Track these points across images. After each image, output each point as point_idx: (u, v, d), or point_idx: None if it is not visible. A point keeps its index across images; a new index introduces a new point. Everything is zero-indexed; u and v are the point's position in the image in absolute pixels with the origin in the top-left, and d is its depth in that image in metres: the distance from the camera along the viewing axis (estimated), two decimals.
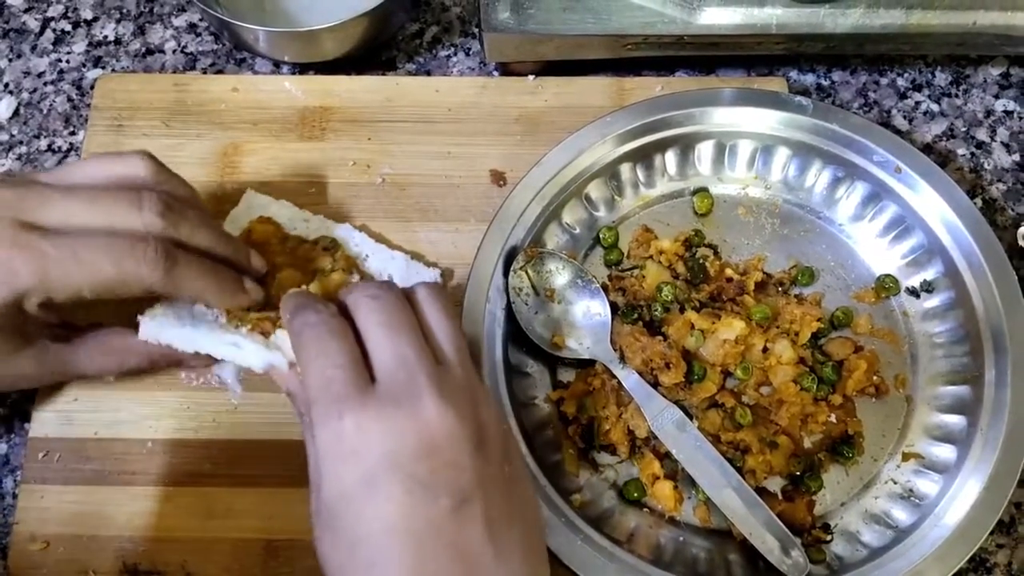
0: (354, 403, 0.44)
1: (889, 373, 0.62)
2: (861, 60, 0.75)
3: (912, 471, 0.59)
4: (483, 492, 0.44)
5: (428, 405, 0.44)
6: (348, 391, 0.44)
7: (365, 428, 0.43)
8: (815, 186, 0.66)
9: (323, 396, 0.45)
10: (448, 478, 0.44)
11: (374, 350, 0.46)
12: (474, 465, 0.44)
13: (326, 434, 0.44)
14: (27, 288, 0.47)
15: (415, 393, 0.44)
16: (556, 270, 0.62)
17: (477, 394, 0.47)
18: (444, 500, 0.43)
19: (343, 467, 0.44)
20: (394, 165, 0.67)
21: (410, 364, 0.45)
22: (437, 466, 0.43)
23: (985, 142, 0.73)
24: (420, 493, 0.43)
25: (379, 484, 0.43)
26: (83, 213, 0.49)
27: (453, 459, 0.44)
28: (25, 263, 0.47)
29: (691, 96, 0.66)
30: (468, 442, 0.44)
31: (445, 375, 0.46)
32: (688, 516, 0.58)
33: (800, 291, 0.64)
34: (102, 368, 0.55)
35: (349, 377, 0.45)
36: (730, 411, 0.59)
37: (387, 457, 0.43)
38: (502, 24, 0.66)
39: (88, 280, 0.48)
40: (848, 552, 0.57)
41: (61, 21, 0.75)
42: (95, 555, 0.57)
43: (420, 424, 0.43)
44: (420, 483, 0.43)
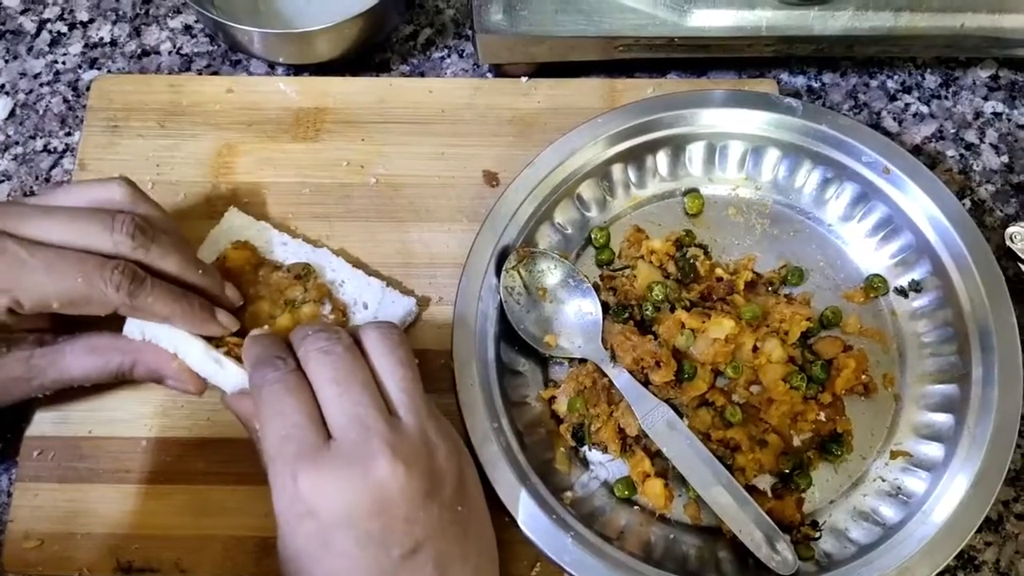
0: (308, 464, 0.45)
1: (878, 372, 0.62)
2: (851, 62, 0.76)
3: (900, 469, 0.60)
4: (435, 537, 0.46)
5: (381, 465, 0.45)
6: (302, 451, 0.46)
7: (319, 488, 0.45)
8: (805, 187, 0.67)
9: (279, 456, 0.46)
10: (401, 531, 0.46)
11: (327, 407, 0.47)
12: (427, 515, 0.46)
13: (282, 496, 0.46)
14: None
15: (368, 453, 0.45)
16: (548, 270, 0.62)
17: (430, 441, 0.48)
18: (395, 551, 0.45)
19: (299, 527, 0.46)
20: (388, 166, 0.68)
21: (362, 422, 0.46)
22: (390, 521, 0.45)
23: (974, 144, 0.73)
24: (373, 548, 0.45)
25: (334, 542, 0.45)
26: (58, 230, 0.50)
27: (406, 513, 0.46)
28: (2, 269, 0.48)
29: (682, 98, 0.66)
30: (420, 495, 0.46)
31: (397, 431, 0.47)
32: (678, 514, 0.59)
33: (790, 291, 0.65)
34: (87, 368, 0.55)
35: (304, 436, 0.46)
36: (720, 410, 0.60)
37: (341, 517, 0.45)
38: (495, 26, 0.66)
39: (56, 291, 0.50)
40: (837, 549, 0.57)
41: (57, 23, 0.75)
42: (89, 553, 0.57)
43: (373, 484, 0.45)
44: (372, 539, 0.45)
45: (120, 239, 0.51)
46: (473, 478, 0.51)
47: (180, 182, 0.67)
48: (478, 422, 0.56)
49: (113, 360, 0.55)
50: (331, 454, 0.46)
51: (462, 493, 0.49)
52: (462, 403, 0.57)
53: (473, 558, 0.49)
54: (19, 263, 0.49)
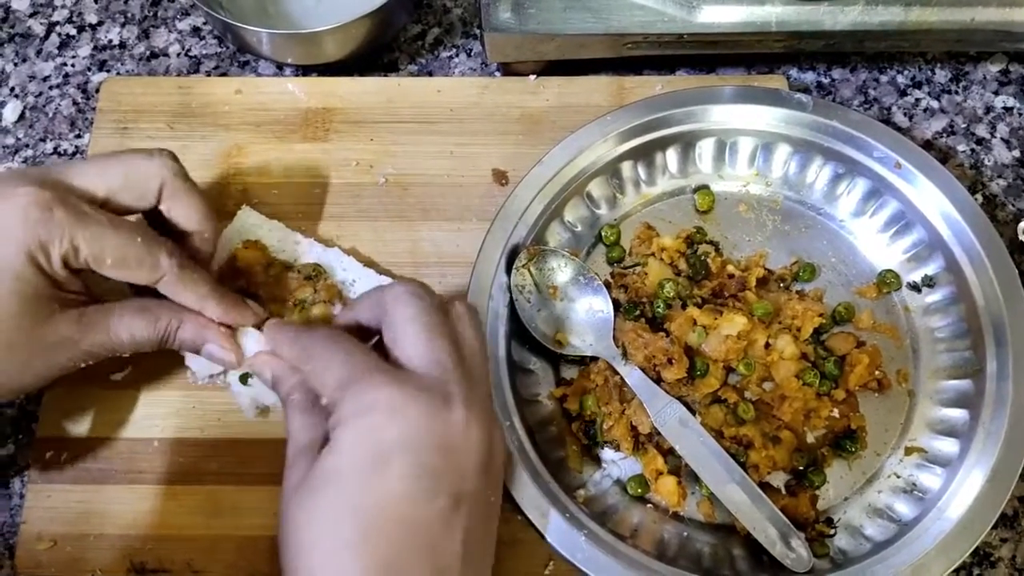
0: (391, 379, 0.45)
1: (891, 368, 0.62)
2: (861, 58, 0.76)
3: (915, 465, 0.59)
4: (471, 508, 0.46)
5: (457, 410, 0.45)
6: (383, 368, 0.46)
7: (397, 408, 0.44)
8: (816, 183, 0.67)
9: (356, 376, 0.45)
10: (453, 482, 0.45)
11: (408, 345, 0.47)
12: (476, 480, 0.46)
13: (357, 405, 0.45)
14: (62, 232, 0.49)
15: (447, 395, 0.45)
16: (558, 268, 0.62)
17: (495, 420, 0.49)
18: (442, 500, 0.44)
19: (365, 438, 0.44)
20: (396, 165, 0.68)
21: (445, 368, 0.46)
22: (449, 465, 0.45)
23: (985, 138, 0.73)
24: (427, 483, 0.44)
25: (394, 461, 0.44)
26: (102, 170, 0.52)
27: (463, 467, 0.45)
28: (64, 211, 0.49)
29: (691, 94, 0.66)
30: (481, 460, 0.46)
31: (475, 389, 0.47)
32: (692, 511, 0.59)
33: (802, 287, 0.64)
34: (135, 329, 0.53)
35: (378, 361, 0.46)
36: (733, 407, 0.59)
37: (410, 439, 0.44)
38: (503, 24, 0.66)
39: (115, 245, 0.50)
40: (851, 546, 0.57)
41: (66, 25, 0.76)
42: (102, 554, 0.57)
43: (446, 424, 0.45)
44: (431, 473, 0.44)
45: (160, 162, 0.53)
46: (502, 478, 0.51)
47: None
48: None
49: (162, 320, 0.54)
50: (413, 378, 0.45)
51: (498, 483, 0.49)
52: None
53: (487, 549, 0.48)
54: (82, 214, 0.49)
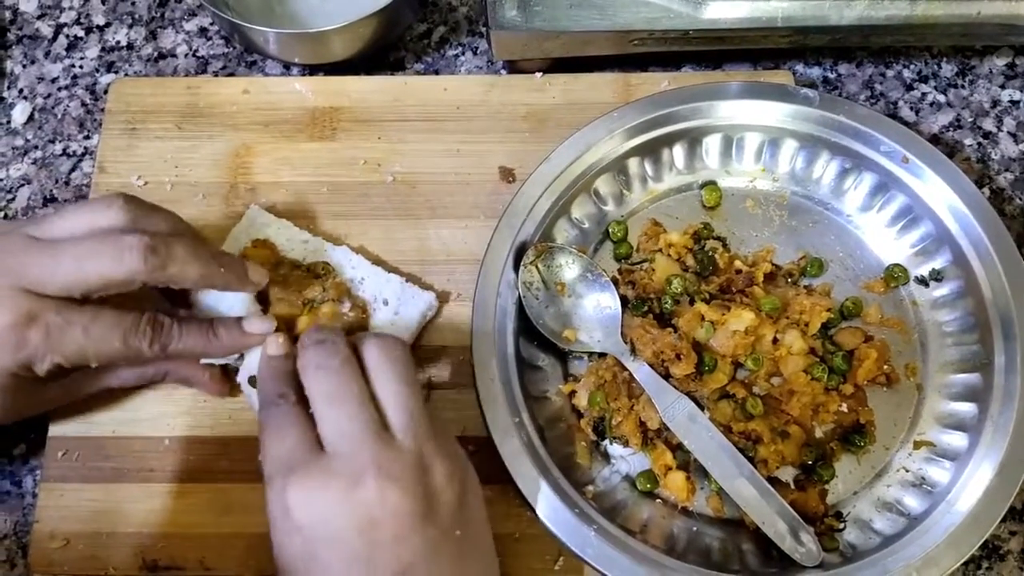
0: (298, 476, 0.45)
1: (899, 362, 0.62)
2: (867, 52, 0.76)
3: (923, 459, 0.59)
4: (427, 561, 0.45)
5: (369, 484, 0.44)
6: (294, 465, 0.46)
7: (306, 502, 0.45)
8: (823, 177, 0.67)
9: (274, 471, 0.47)
10: (390, 552, 0.45)
11: (320, 423, 0.47)
12: (418, 537, 0.45)
13: (274, 508, 0.46)
14: (40, 355, 0.50)
15: (357, 469, 0.45)
16: (566, 264, 0.62)
17: (425, 462, 0.46)
18: (381, 572, 0.44)
19: (288, 540, 0.46)
20: (404, 164, 0.68)
21: (353, 438, 0.46)
22: (378, 540, 0.45)
23: (992, 132, 0.73)
24: (358, 567, 0.44)
25: (320, 557, 0.45)
26: (71, 273, 0.49)
27: (395, 533, 0.45)
28: (37, 334, 0.49)
29: (698, 90, 0.66)
30: (411, 516, 0.45)
31: (391, 449, 0.46)
32: (701, 506, 0.59)
33: (809, 282, 0.64)
34: (124, 379, 0.58)
35: (297, 454, 0.46)
36: (741, 402, 0.59)
37: (327, 533, 0.45)
38: (509, 22, 0.66)
39: (96, 353, 0.51)
40: (861, 540, 0.57)
41: (74, 27, 0.76)
42: (114, 552, 0.57)
43: (360, 502, 0.44)
44: (359, 558, 0.44)
45: (133, 267, 0.49)
46: (475, 500, 0.50)
47: (199, 183, 0.67)
48: (499, 417, 0.56)
49: (148, 371, 0.58)
50: (320, 468, 0.45)
51: (462, 515, 0.47)
52: (482, 399, 0.57)
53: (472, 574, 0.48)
54: (57, 331, 0.49)
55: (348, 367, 0.48)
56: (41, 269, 0.49)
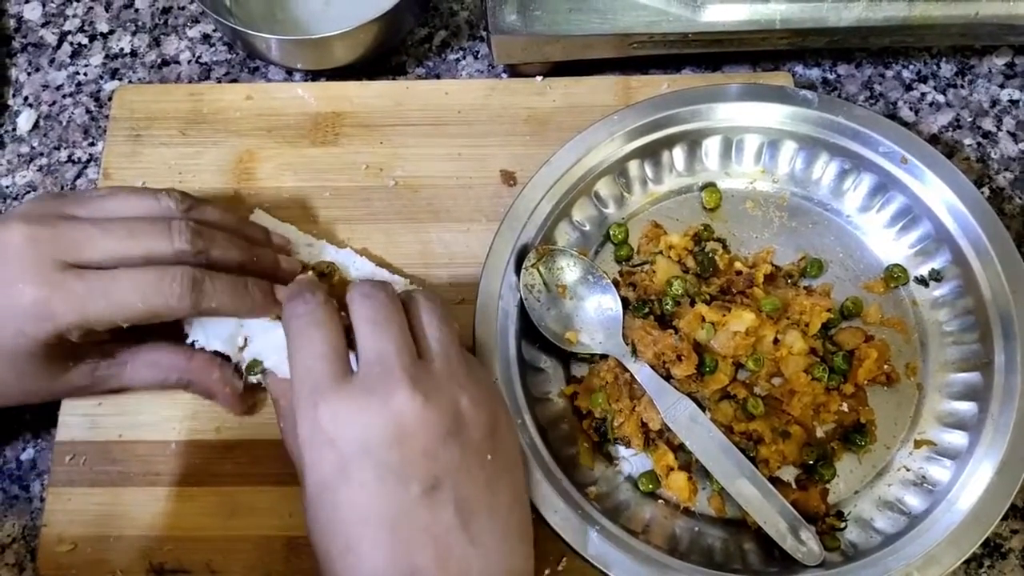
0: (329, 393, 0.46)
1: (900, 362, 0.62)
2: (866, 53, 0.76)
3: (924, 458, 0.60)
4: (456, 480, 0.46)
5: (400, 396, 0.46)
6: (325, 382, 0.47)
7: (339, 418, 0.46)
8: (822, 179, 0.67)
9: (303, 387, 0.47)
10: (420, 466, 0.45)
11: (359, 344, 0.48)
12: (448, 454, 0.46)
13: (305, 425, 0.47)
14: (67, 325, 0.50)
15: (389, 385, 0.46)
16: (567, 267, 0.63)
17: (457, 384, 0.48)
18: (415, 487, 0.45)
19: (319, 456, 0.46)
20: (406, 168, 0.68)
21: (388, 358, 0.47)
22: (408, 454, 0.45)
23: (991, 132, 0.73)
24: (391, 480, 0.45)
25: (352, 472, 0.45)
26: (119, 247, 0.51)
27: (425, 447, 0.46)
28: (62, 302, 0.49)
29: (697, 92, 0.67)
30: (441, 430, 0.46)
31: (423, 369, 0.48)
32: (703, 506, 0.59)
33: (809, 283, 0.65)
34: (147, 380, 0.58)
35: (327, 368, 0.47)
36: (742, 402, 0.60)
37: (359, 446, 0.45)
38: (509, 26, 0.67)
39: (120, 315, 0.51)
40: (862, 539, 0.57)
41: (78, 35, 0.77)
42: (122, 555, 0.58)
43: (391, 413, 0.45)
44: (391, 470, 0.45)
45: (180, 246, 0.52)
46: (509, 432, 0.51)
47: (203, 189, 0.67)
48: None
49: (171, 377, 0.58)
50: (352, 385, 0.46)
51: (492, 443, 0.49)
52: None
53: (503, 512, 0.48)
54: (78, 297, 0.49)
55: (394, 301, 0.50)
56: (84, 240, 0.51)
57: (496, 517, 0.47)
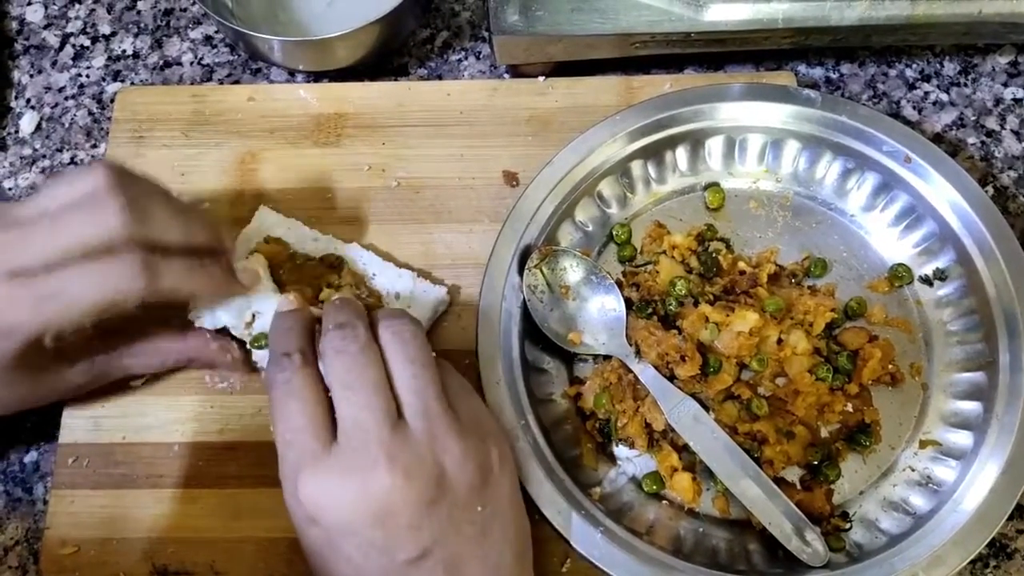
0: (308, 470, 0.46)
1: (904, 361, 0.62)
2: (869, 52, 0.76)
3: (929, 458, 0.59)
4: (446, 541, 0.46)
5: (379, 475, 0.45)
6: (305, 458, 0.46)
7: (319, 496, 0.45)
8: (825, 178, 0.67)
9: (284, 462, 0.47)
10: (405, 538, 0.45)
11: (337, 408, 0.47)
12: (434, 520, 0.46)
13: (289, 499, 0.47)
14: (27, 335, 0.48)
15: (367, 462, 0.45)
16: (570, 267, 0.63)
17: (438, 446, 0.46)
18: (401, 556, 0.45)
19: (306, 531, 0.47)
20: (408, 169, 0.68)
21: (365, 428, 0.46)
22: (393, 529, 0.45)
23: (995, 130, 0.73)
24: (376, 555, 0.45)
25: (339, 548, 0.46)
26: (54, 240, 0.47)
27: (409, 522, 0.45)
28: (19, 312, 0.47)
29: (700, 92, 0.67)
30: (424, 503, 0.45)
31: (401, 436, 0.46)
32: (707, 507, 0.59)
33: (813, 282, 0.65)
34: (147, 365, 0.58)
35: (306, 443, 0.46)
36: (746, 402, 0.60)
37: (343, 525, 0.45)
38: (511, 27, 0.67)
39: (79, 312, 0.48)
40: (867, 539, 0.57)
41: (80, 36, 0.77)
42: (125, 557, 0.58)
43: (372, 494, 0.45)
44: (376, 547, 0.45)
45: (113, 224, 0.47)
46: (501, 471, 0.49)
47: (205, 190, 0.67)
48: (505, 420, 0.57)
49: (169, 359, 0.57)
50: (330, 461, 0.45)
51: (482, 493, 0.48)
52: (488, 401, 0.57)
53: (494, 557, 0.48)
54: (34, 303, 0.47)
55: (367, 353, 0.48)
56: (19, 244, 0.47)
57: (488, 563, 0.48)
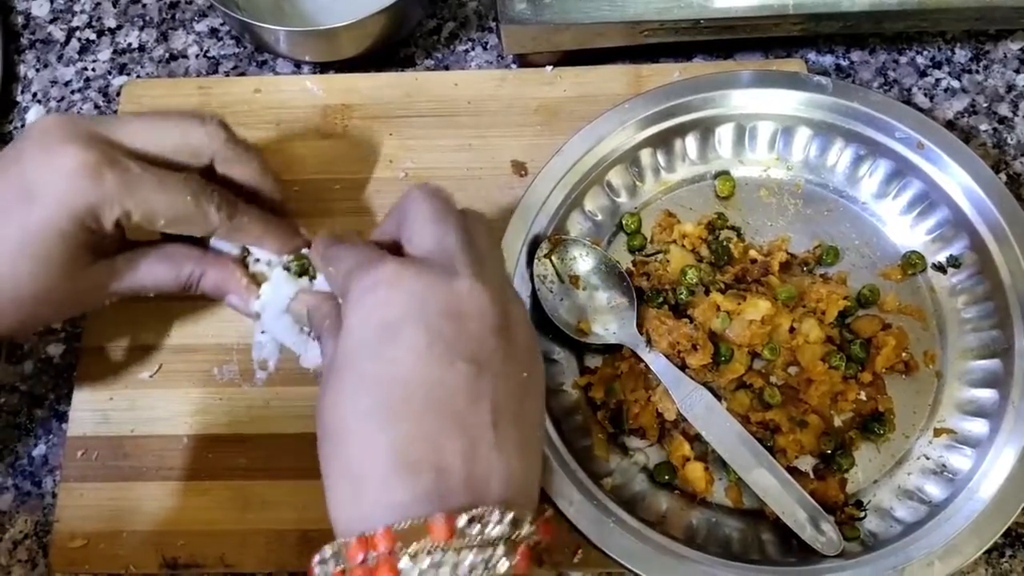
0: (391, 261, 0.45)
1: (918, 349, 0.62)
2: (879, 39, 0.75)
3: (944, 446, 0.59)
4: (495, 376, 0.44)
5: (463, 280, 0.44)
6: (387, 254, 0.46)
7: (400, 281, 0.44)
8: (837, 165, 0.66)
9: (363, 262, 0.46)
10: (469, 348, 0.44)
11: (416, 235, 0.47)
12: (496, 346, 0.44)
13: (358, 285, 0.45)
14: (112, 199, 0.49)
15: (452, 268, 0.45)
16: (580, 257, 0.62)
17: (509, 295, 0.47)
18: (461, 364, 0.43)
19: (371, 313, 0.44)
20: (416, 159, 0.68)
21: (451, 249, 0.46)
22: (461, 331, 0.44)
23: (1008, 117, 0.72)
24: (440, 349, 0.43)
25: (404, 331, 0.43)
26: (154, 129, 0.51)
27: (477, 332, 0.44)
28: (114, 175, 0.48)
29: (709, 79, 0.66)
30: (494, 324, 0.45)
31: (483, 264, 0.46)
32: (719, 497, 0.58)
33: (825, 270, 0.64)
34: (159, 276, 0.55)
35: (384, 252, 0.47)
36: (759, 391, 0.59)
37: (416, 308, 0.44)
38: (519, 15, 0.66)
39: (166, 207, 0.50)
40: (882, 528, 0.56)
41: (86, 30, 0.76)
42: (134, 550, 0.58)
43: (452, 292, 0.44)
44: (443, 339, 0.43)
45: (214, 130, 0.52)
46: (540, 363, 0.49)
47: None
48: None
49: (185, 269, 0.55)
50: (414, 260, 0.46)
51: (529, 362, 0.47)
52: None
53: (526, 428, 0.46)
54: (134, 177, 0.49)
55: (452, 203, 0.50)
56: (120, 122, 0.51)
57: (521, 429, 0.45)
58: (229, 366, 0.62)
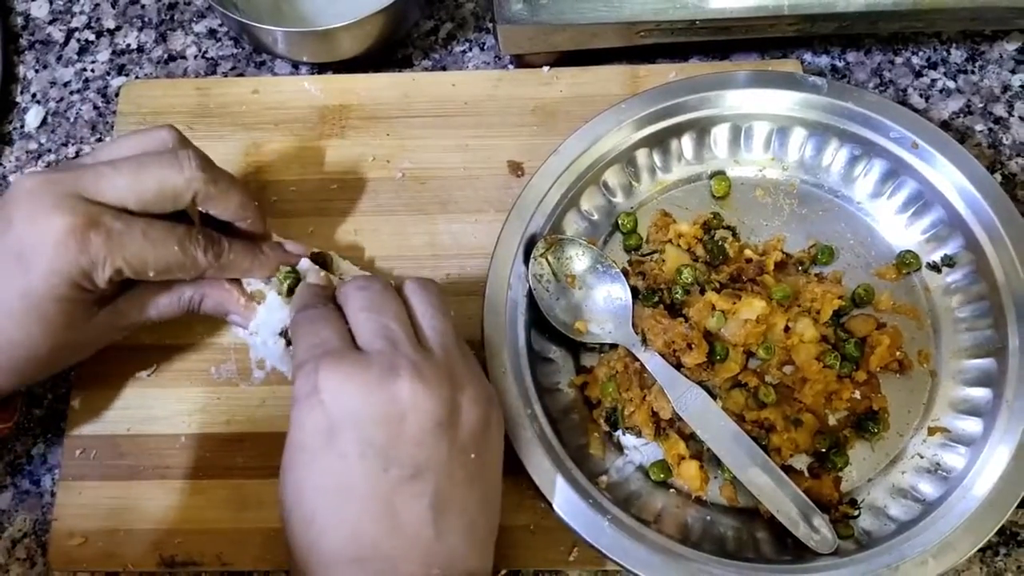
0: (333, 359, 0.46)
1: (912, 348, 0.62)
2: (875, 39, 0.75)
3: (938, 445, 0.59)
4: (439, 473, 0.46)
5: (402, 379, 0.45)
6: (329, 351, 0.46)
7: (338, 382, 0.45)
8: (832, 165, 0.66)
9: (307, 357, 0.47)
10: (405, 452, 0.45)
11: (359, 330, 0.48)
12: (435, 445, 0.46)
13: (301, 382, 0.46)
14: (102, 260, 0.49)
15: (393, 364, 0.46)
16: (576, 256, 0.62)
17: (456, 377, 0.48)
18: (395, 471, 0.45)
19: (307, 415, 0.46)
20: (413, 159, 0.68)
21: (392, 336, 0.47)
22: (396, 436, 0.45)
23: (1003, 117, 0.72)
24: (372, 457, 0.45)
25: (336, 439, 0.45)
26: (132, 180, 0.50)
27: (415, 435, 0.45)
28: (99, 237, 0.49)
29: (705, 80, 0.66)
30: (433, 421, 0.46)
31: (425, 356, 0.47)
32: (715, 495, 0.59)
33: (820, 270, 0.64)
34: (162, 306, 0.56)
35: (332, 342, 0.47)
36: (754, 390, 0.59)
37: (350, 416, 0.45)
38: (516, 16, 0.66)
39: (155, 260, 0.51)
40: (876, 527, 0.57)
41: (85, 31, 0.77)
42: (132, 549, 0.58)
43: (389, 394, 0.45)
44: (374, 448, 0.45)
45: (191, 174, 0.51)
46: (498, 433, 0.50)
47: None
48: (511, 409, 0.57)
49: (185, 294, 0.57)
50: (355, 357, 0.46)
51: (479, 442, 0.48)
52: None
53: (471, 512, 0.48)
54: (119, 236, 0.49)
55: (388, 290, 0.51)
56: (98, 177, 0.50)
57: (466, 516, 0.47)
58: (227, 365, 0.62)
